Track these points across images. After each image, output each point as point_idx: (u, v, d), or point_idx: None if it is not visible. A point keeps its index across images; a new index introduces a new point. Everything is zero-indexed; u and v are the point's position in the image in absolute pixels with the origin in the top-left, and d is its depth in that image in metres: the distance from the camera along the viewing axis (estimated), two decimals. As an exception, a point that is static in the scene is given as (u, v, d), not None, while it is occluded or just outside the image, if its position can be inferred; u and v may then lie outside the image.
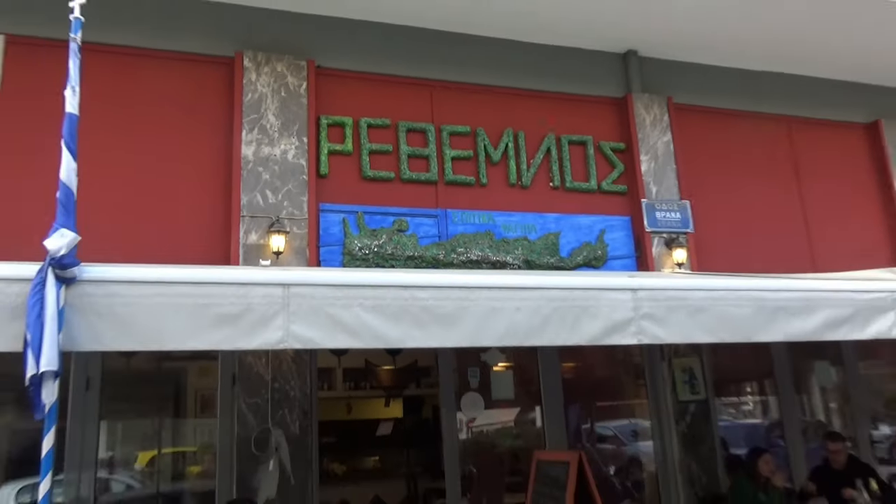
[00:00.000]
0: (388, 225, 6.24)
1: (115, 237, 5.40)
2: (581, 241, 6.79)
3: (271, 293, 3.16)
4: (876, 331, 4.15)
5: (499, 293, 3.51)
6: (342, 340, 3.23)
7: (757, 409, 8.17)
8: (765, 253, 7.30)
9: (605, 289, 3.70)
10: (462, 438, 7.16)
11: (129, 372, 6.69)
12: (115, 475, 7.35)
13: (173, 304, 3.03)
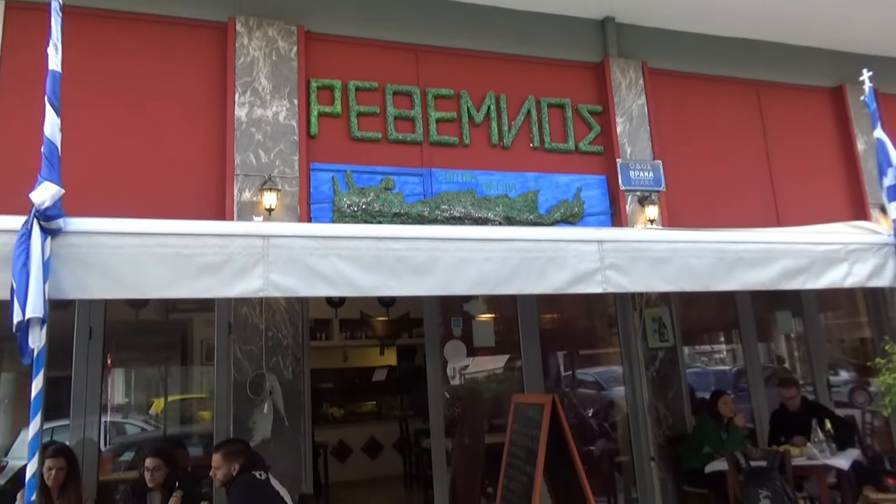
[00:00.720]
0: (376, 183, 6.14)
1: (112, 195, 5.30)
2: (559, 198, 6.70)
3: (251, 244, 3.11)
4: (830, 280, 4.12)
5: (469, 244, 3.46)
6: (320, 289, 3.18)
7: (728, 357, 8.21)
8: (732, 209, 7.23)
9: (572, 240, 3.64)
10: (455, 384, 7.21)
11: (139, 323, 6.68)
12: (129, 419, 7.41)
13: (156, 254, 2.97)
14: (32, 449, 2.71)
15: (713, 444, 5.85)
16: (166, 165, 5.59)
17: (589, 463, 6.97)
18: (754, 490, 4.94)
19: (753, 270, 3.96)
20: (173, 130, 5.68)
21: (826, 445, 5.43)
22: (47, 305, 2.75)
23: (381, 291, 3.26)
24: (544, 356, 7.16)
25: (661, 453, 6.34)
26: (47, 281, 2.76)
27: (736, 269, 3.92)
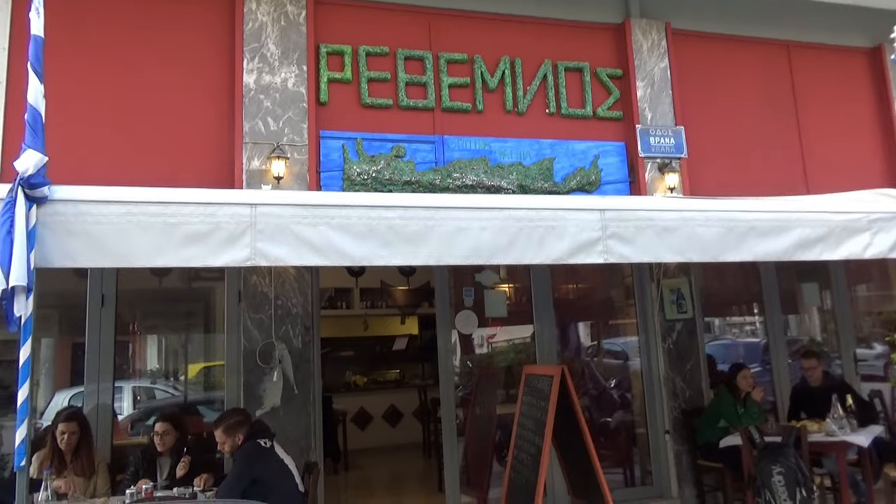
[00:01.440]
0: (387, 151, 6.05)
1: (120, 164, 5.32)
2: (575, 166, 6.52)
3: (239, 212, 3.06)
4: (849, 251, 3.93)
5: (465, 213, 3.36)
6: (308, 258, 3.14)
7: (760, 329, 7.98)
8: (758, 177, 6.96)
9: (573, 209, 3.52)
10: (480, 353, 7.18)
11: (163, 291, 6.77)
12: (157, 384, 7.58)
13: (143, 222, 2.95)
14: (21, 416, 2.74)
15: (729, 418, 5.72)
16: (174, 134, 5.57)
17: (606, 434, 6.93)
18: (767, 466, 4.81)
19: (766, 240, 3.79)
20: (181, 98, 5.65)
21: (846, 422, 5.25)
22: (33, 274, 2.75)
23: (372, 261, 3.20)
24: (564, 326, 7.07)
25: (677, 426, 6.23)
26: (33, 249, 2.76)
27: (747, 238, 3.76)
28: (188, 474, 4.54)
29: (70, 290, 5.75)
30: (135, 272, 5.52)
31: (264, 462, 4.24)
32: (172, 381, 7.24)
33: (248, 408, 5.26)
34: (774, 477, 4.77)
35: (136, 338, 7.28)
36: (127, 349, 7.29)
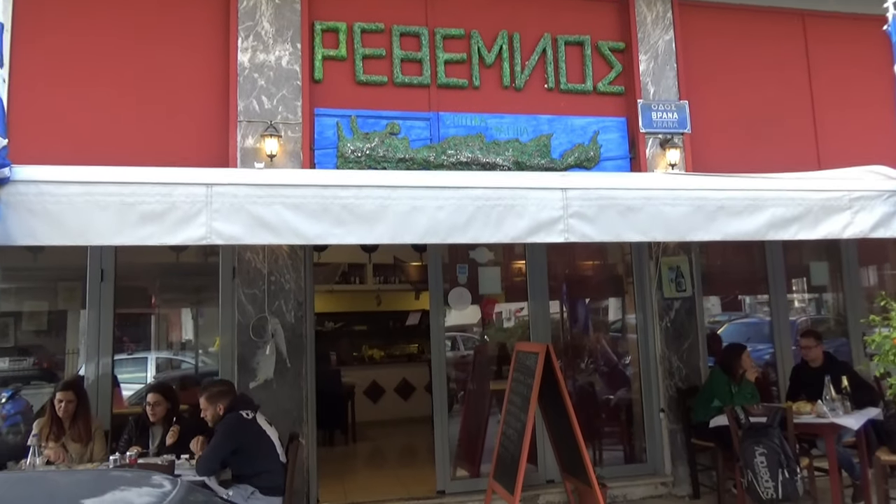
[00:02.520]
0: (381, 128, 6.08)
1: (113, 143, 5.46)
2: (574, 142, 6.45)
3: (194, 192, 3.15)
4: (827, 231, 3.84)
5: (421, 192, 3.39)
6: (263, 237, 3.22)
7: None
8: (766, 152, 6.77)
9: (533, 188, 3.51)
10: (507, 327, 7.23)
11: (180, 265, 6.99)
12: (179, 356, 7.86)
13: (100, 202, 3.06)
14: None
15: (722, 398, 5.67)
16: (169, 113, 5.69)
17: (608, 411, 6.94)
18: (750, 446, 4.77)
19: (737, 220, 3.73)
20: (176, 77, 5.76)
21: (840, 404, 5.16)
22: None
23: (326, 239, 3.26)
24: (572, 303, 7.06)
25: (672, 405, 6.20)
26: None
27: (717, 218, 3.70)
28: (178, 442, 4.74)
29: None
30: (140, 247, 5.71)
31: (245, 433, 4.39)
32: (202, 352, 7.43)
33: (241, 380, 5.45)
34: (757, 458, 4.73)
35: (157, 310, 7.57)
36: (149, 321, 7.60)
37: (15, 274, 6.76)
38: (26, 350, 6.73)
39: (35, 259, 6.51)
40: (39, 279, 6.93)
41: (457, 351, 8.67)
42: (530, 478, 6.07)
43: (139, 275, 6.62)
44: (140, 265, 6.26)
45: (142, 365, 7.35)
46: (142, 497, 1.42)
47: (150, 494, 1.45)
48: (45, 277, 6.89)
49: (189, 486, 1.65)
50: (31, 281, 6.96)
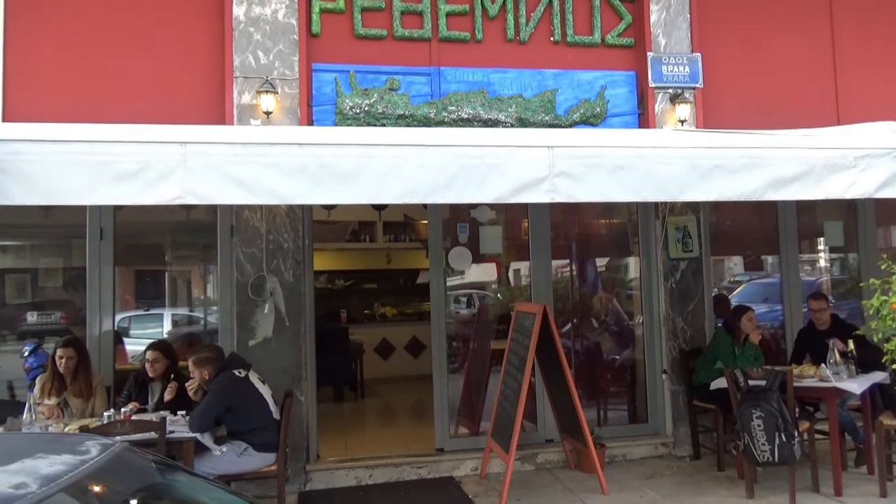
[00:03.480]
0: (380, 84, 5.95)
1: (110, 100, 5.43)
2: (580, 98, 6.25)
3: (169, 151, 3.11)
4: (829, 190, 3.69)
5: (401, 150, 3.31)
6: (239, 196, 3.18)
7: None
8: (783, 109, 6.50)
9: (518, 146, 3.41)
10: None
11: (190, 224, 7.02)
12: (194, 312, 7.95)
13: (74, 161, 3.04)
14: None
15: (725, 359, 5.59)
16: (164, 69, 5.62)
17: (613, 371, 6.90)
18: (747, 410, 4.71)
19: (734, 178, 3.58)
20: (170, 32, 5.67)
21: (844, 368, 5.05)
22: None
23: (303, 199, 3.21)
24: (582, 262, 6.97)
25: (675, 366, 6.14)
26: (-31, 187, 2.88)
27: (712, 177, 3.57)
28: (176, 399, 4.82)
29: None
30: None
31: (237, 391, 4.45)
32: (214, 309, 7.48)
33: (241, 338, 5.51)
34: (754, 421, 4.67)
35: (169, 267, 7.63)
36: (162, 278, 7.68)
37: (29, 231, 6.84)
38: (50, 305, 6.84)
39: (46, 217, 6.57)
40: (53, 236, 7.00)
41: (472, 309, 8.64)
42: (529, 437, 6.10)
43: (143, 233, 6.65)
44: (141, 223, 6.28)
45: (158, 321, 7.46)
46: (53, 466, 1.41)
47: (63, 462, 1.43)
48: (58, 235, 6.95)
49: (120, 455, 1.63)
50: (45, 238, 7.04)
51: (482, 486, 5.43)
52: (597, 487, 5.19)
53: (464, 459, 5.81)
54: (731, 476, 5.41)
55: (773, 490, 4.94)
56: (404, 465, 5.72)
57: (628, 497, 5.08)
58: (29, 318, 6.78)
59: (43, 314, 6.83)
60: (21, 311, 6.82)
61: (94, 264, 5.56)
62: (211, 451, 4.40)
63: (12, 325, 6.72)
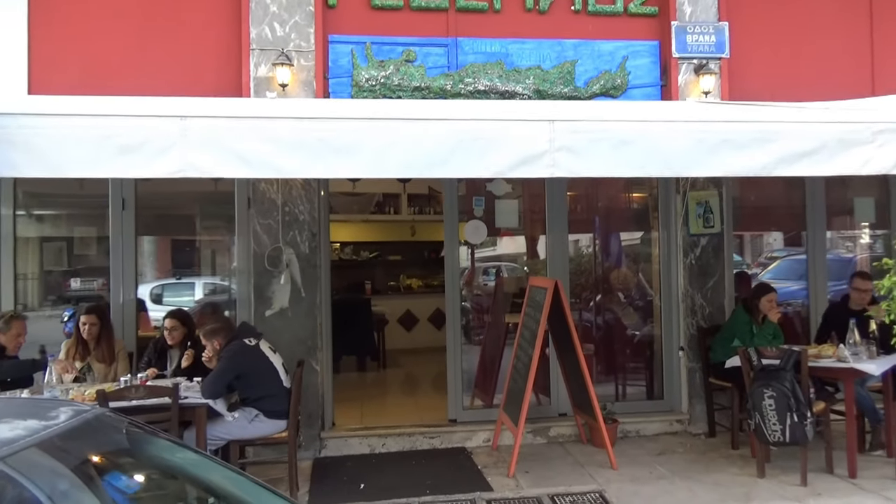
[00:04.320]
0: (397, 56, 5.91)
1: (131, 72, 5.52)
2: (600, 69, 6.13)
3: (169, 124, 3.15)
4: (843, 167, 3.57)
5: (399, 125, 3.30)
6: (239, 170, 3.22)
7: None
8: (815, 80, 6.25)
9: (518, 120, 3.36)
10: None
11: (219, 195, 7.15)
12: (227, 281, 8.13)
13: (78, 135, 3.11)
14: (-20, 310, 3.07)
15: (742, 338, 5.49)
16: (182, 43, 5.68)
17: (627, 347, 6.86)
18: (759, 389, 4.64)
19: (742, 154, 3.48)
20: (188, 5, 5.72)
21: (864, 348, 4.92)
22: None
23: (302, 173, 3.24)
24: (605, 236, 6.90)
25: (692, 343, 6.07)
26: (-21, 160, 2.99)
27: (719, 152, 3.47)
28: (193, 365, 4.96)
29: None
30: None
31: (247, 359, 4.56)
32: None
33: (258, 308, 5.63)
34: (766, 400, 4.60)
35: (198, 237, 7.79)
36: (192, 248, 7.86)
37: (65, 201, 7.04)
38: (88, 273, 7.06)
39: (81, 187, 6.75)
40: (87, 206, 7.19)
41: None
42: (542, 410, 6.13)
43: (166, 204, 6.78)
44: (163, 194, 6.40)
45: (190, 289, 7.65)
46: (15, 430, 1.49)
47: (25, 427, 1.51)
48: (92, 204, 7.14)
49: (90, 421, 1.70)
50: (80, 207, 7.23)
51: (492, 458, 5.49)
52: (606, 462, 5.20)
53: (476, 431, 5.87)
54: (744, 455, 5.36)
55: (786, 470, 4.89)
56: (417, 434, 5.81)
57: (637, 472, 5.08)
58: (73, 285, 7.02)
59: (85, 281, 7.06)
60: (65, 278, 7.06)
61: (118, 234, 5.73)
62: (223, 416, 4.53)
63: (57, 291, 6.96)
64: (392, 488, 4.82)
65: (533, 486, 4.82)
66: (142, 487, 1.78)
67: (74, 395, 4.31)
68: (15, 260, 5.87)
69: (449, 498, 4.63)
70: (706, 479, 4.89)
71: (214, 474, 2.04)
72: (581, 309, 6.69)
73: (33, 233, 6.81)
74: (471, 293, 7.45)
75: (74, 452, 1.62)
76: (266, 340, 4.83)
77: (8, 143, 3.05)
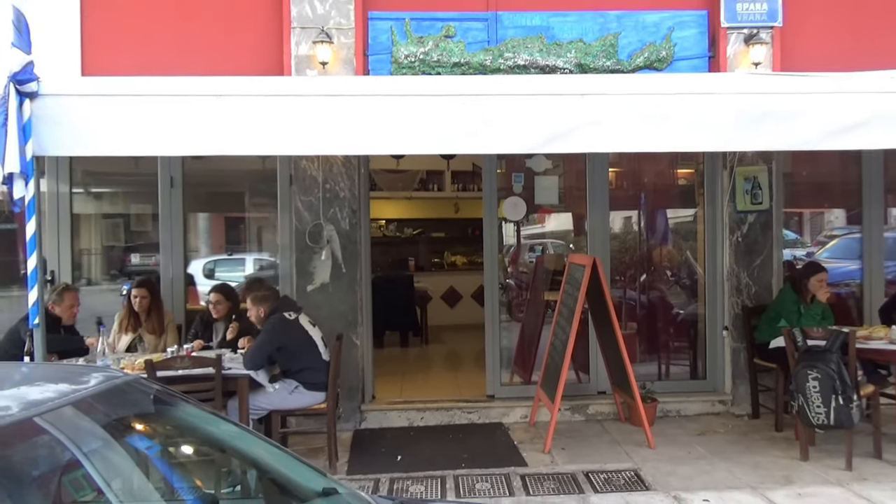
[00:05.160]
0: (436, 31, 5.87)
1: (177, 55, 5.64)
2: (644, 41, 5.94)
3: (202, 103, 3.22)
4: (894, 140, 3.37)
5: (428, 101, 3.28)
6: (262, 147, 3.25)
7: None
8: (875, 48, 5.93)
9: (547, 94, 3.31)
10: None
11: (265, 172, 7.32)
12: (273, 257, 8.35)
13: (115, 114, 3.20)
14: (32, 282, 3.24)
15: (789, 318, 5.33)
16: (226, 24, 5.78)
17: (671, 326, 6.74)
18: (803, 371, 4.49)
19: (785, 126, 3.34)
20: (229, -17, 5.80)
21: (919, 330, 4.72)
22: (32, 162, 3.14)
23: (335, 150, 3.25)
24: (651, 213, 6.78)
25: (737, 323, 5.92)
26: (29, 139, 3.13)
27: (761, 125, 3.34)
28: (237, 338, 5.12)
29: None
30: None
31: (288, 332, 4.67)
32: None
33: (299, 283, 5.75)
34: (809, 382, 4.46)
35: (248, 214, 8.00)
36: (241, 225, 8.08)
37: (122, 179, 7.31)
38: (145, 248, 7.33)
39: (136, 165, 6.99)
40: (142, 184, 7.45)
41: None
42: (581, 388, 6.11)
43: (213, 182, 6.96)
44: (210, 172, 6.58)
45: (241, 265, 7.88)
46: (44, 393, 1.58)
47: (55, 391, 1.60)
48: (146, 182, 7.40)
49: (120, 387, 1.79)
50: (135, 185, 7.49)
51: (529, 434, 5.51)
52: (644, 441, 5.16)
53: (514, 407, 5.90)
54: (788, 437, 5.23)
55: (831, 453, 4.75)
56: (455, 409, 5.88)
57: (675, 452, 5.02)
58: (132, 260, 7.31)
59: (144, 256, 7.34)
60: (125, 254, 7.36)
61: (167, 210, 5.92)
62: (265, 387, 4.67)
63: (117, 266, 7.26)
64: (428, 461, 4.90)
65: (568, 463, 4.83)
66: (165, 450, 1.88)
67: (125, 364, 4.51)
68: (72, 236, 6.13)
69: (484, 472, 4.68)
70: (746, 460, 4.79)
71: (240, 440, 2.13)
72: (625, 287, 6.61)
73: (92, 209, 7.11)
74: (515, 270, 7.45)
75: (104, 413, 1.72)
76: (306, 314, 4.93)
77: (54, 123, 3.16)
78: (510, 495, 4.28)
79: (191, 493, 2.06)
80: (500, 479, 4.54)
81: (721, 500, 4.10)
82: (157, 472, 1.94)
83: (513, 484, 4.45)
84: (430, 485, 4.50)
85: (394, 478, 4.61)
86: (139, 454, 1.81)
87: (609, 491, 4.30)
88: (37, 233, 3.26)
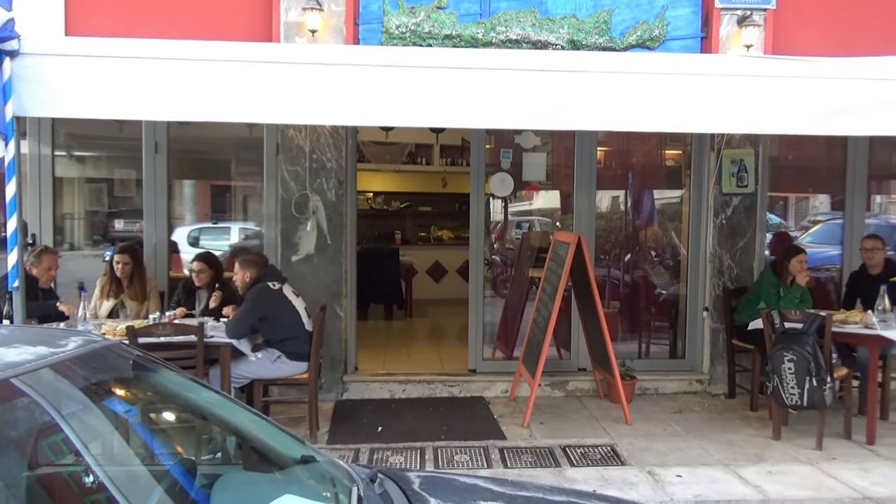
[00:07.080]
0: (428, 2, 5.80)
1: (158, 14, 5.53)
2: (638, 19, 5.90)
3: (183, 67, 3.16)
4: (883, 126, 3.39)
5: (410, 72, 3.25)
6: (233, 114, 3.21)
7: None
8: (870, 35, 5.91)
9: (538, 70, 3.29)
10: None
11: (252, 140, 7.23)
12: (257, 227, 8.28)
13: (95, 74, 3.14)
14: (11, 245, 3.20)
15: (768, 300, 5.40)
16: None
17: (652, 305, 6.81)
18: (779, 352, 4.57)
19: (772, 110, 3.35)
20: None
21: (893, 315, 4.80)
22: (12, 122, 3.08)
23: (323, 120, 3.22)
24: (638, 193, 6.80)
25: (717, 304, 5.99)
26: (9, 99, 3.07)
27: (745, 107, 3.34)
28: (220, 306, 5.11)
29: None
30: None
31: (271, 302, 4.66)
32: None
33: (284, 253, 5.73)
34: (785, 363, 4.54)
35: (233, 182, 7.93)
36: (226, 193, 7.99)
37: (105, 143, 7.18)
38: (129, 214, 7.24)
39: (120, 130, 6.87)
40: (127, 149, 7.33)
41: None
42: (562, 364, 6.17)
43: (198, 148, 6.87)
44: (195, 138, 6.49)
45: (226, 233, 7.82)
46: (23, 354, 1.57)
47: (32, 353, 1.59)
48: (130, 147, 7.29)
49: (100, 350, 1.78)
50: (119, 150, 7.37)
51: (509, 408, 5.57)
52: (622, 417, 5.24)
53: (495, 381, 5.95)
54: (762, 417, 5.33)
55: (802, 433, 4.85)
56: (437, 382, 5.92)
57: (651, 428, 5.11)
58: (116, 226, 7.22)
59: (128, 222, 7.25)
60: (109, 219, 7.26)
61: (150, 176, 5.85)
62: (247, 356, 4.68)
63: (100, 231, 7.17)
64: (408, 432, 4.95)
65: (546, 437, 4.90)
66: (145, 415, 1.88)
67: (106, 329, 4.50)
68: (55, 199, 6.04)
69: (463, 444, 4.73)
70: (720, 438, 4.89)
71: (220, 407, 2.13)
72: (609, 266, 6.65)
73: (75, 173, 7.00)
74: (502, 247, 7.47)
75: (83, 377, 1.71)
76: (290, 285, 4.92)
77: (34, 82, 3.10)
78: (488, 467, 4.34)
79: (170, 458, 2.07)
80: (478, 452, 4.60)
81: (693, 476, 4.19)
82: (136, 436, 1.95)
83: (491, 456, 4.51)
84: (409, 456, 4.55)
85: (374, 448, 4.65)
86: (118, 418, 1.81)
87: (585, 465, 4.37)
88: (17, 195, 3.21)
